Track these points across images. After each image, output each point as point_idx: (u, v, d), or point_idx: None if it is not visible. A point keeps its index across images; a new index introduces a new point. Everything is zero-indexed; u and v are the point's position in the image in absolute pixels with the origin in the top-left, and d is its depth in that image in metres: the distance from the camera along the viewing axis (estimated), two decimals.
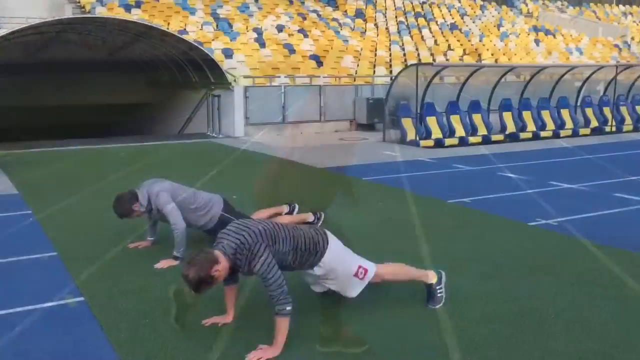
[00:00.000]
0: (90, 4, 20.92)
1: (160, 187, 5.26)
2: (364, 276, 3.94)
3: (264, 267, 3.51)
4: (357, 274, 3.93)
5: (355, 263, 3.96)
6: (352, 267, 3.93)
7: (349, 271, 3.92)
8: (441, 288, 4.20)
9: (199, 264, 3.46)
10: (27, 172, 9.73)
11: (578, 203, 7.49)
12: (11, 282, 4.75)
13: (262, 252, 3.53)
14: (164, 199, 5.16)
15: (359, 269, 3.93)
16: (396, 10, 29.19)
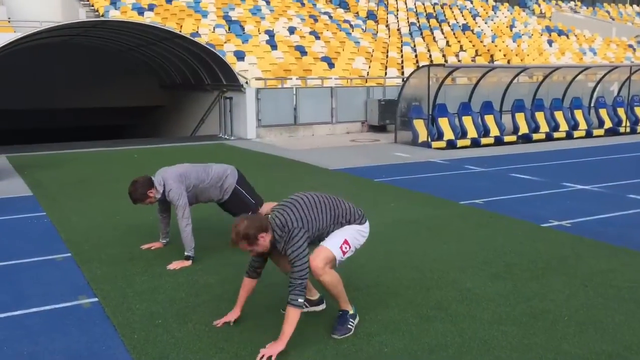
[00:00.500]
0: (103, 7, 21.09)
1: (173, 178, 5.23)
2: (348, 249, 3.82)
3: (295, 253, 3.55)
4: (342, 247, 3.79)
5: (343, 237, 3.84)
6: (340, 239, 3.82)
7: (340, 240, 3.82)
8: (353, 323, 3.87)
9: (253, 222, 3.57)
10: (41, 174, 9.83)
11: (591, 204, 7.43)
12: (25, 283, 4.80)
13: (298, 239, 3.58)
14: (175, 194, 5.18)
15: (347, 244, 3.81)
16: (408, 11, 29.15)
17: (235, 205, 5.47)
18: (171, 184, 5.21)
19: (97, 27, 15.79)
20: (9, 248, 5.74)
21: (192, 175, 5.36)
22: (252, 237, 3.54)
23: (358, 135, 15.66)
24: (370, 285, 4.62)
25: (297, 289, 3.52)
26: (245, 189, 5.53)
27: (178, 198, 5.17)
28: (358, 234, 3.91)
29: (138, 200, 5.23)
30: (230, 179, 5.48)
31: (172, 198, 5.20)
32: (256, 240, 3.57)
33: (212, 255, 5.37)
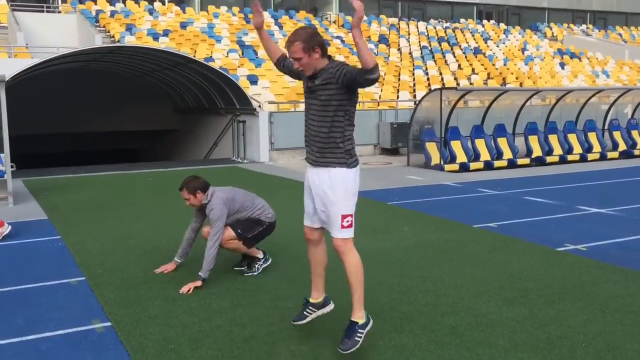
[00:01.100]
0: (119, 33, 21.45)
1: (220, 199, 5.29)
2: (348, 224, 3.72)
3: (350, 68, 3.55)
4: (344, 219, 3.69)
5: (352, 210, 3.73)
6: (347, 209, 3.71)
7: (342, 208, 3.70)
8: (362, 334, 3.70)
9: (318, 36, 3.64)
10: (57, 198, 9.92)
11: (607, 228, 7.35)
12: (39, 306, 4.82)
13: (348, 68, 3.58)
14: (217, 215, 5.21)
15: (349, 217, 3.69)
16: (419, 35, 29.34)
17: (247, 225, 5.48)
18: (215, 205, 5.25)
19: (113, 53, 16.04)
20: (24, 271, 5.77)
21: (238, 202, 5.43)
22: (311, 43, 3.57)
23: (370, 159, 15.67)
24: (384, 310, 4.58)
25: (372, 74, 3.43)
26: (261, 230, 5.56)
27: (217, 219, 5.21)
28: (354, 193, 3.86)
29: (185, 189, 5.30)
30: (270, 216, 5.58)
31: (212, 217, 5.24)
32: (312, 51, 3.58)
33: (225, 280, 5.37)
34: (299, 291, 5.04)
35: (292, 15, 28.54)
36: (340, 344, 3.69)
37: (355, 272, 3.72)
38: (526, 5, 37.78)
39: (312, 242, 3.96)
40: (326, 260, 4.02)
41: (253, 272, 5.56)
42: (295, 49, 3.61)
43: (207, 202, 5.30)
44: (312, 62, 3.64)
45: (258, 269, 5.58)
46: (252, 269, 5.59)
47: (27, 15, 22.35)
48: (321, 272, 4.02)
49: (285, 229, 6.28)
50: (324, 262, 4.02)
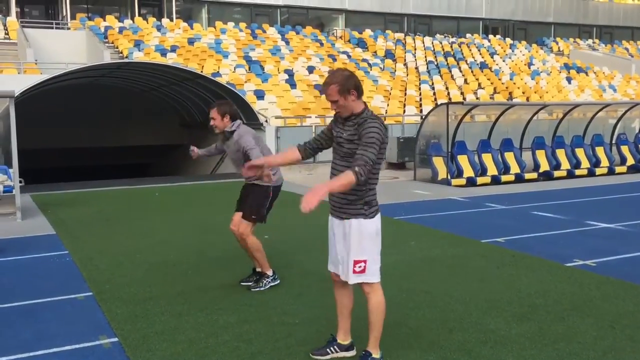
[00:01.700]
0: (127, 49, 21.65)
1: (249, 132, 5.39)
2: (360, 270, 3.71)
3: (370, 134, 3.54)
4: (356, 265, 3.70)
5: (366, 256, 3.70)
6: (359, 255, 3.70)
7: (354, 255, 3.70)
8: None
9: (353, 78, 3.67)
10: (64, 213, 9.95)
11: (617, 243, 7.30)
12: (46, 322, 4.82)
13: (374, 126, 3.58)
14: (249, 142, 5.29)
15: (361, 262, 3.70)
16: (425, 50, 29.45)
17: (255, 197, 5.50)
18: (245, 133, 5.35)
19: (121, 69, 16.18)
20: (32, 286, 5.78)
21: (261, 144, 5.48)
22: (347, 87, 3.59)
23: None
24: (391, 325, 4.55)
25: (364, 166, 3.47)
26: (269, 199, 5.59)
27: (251, 148, 5.27)
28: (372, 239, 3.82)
29: (216, 108, 5.38)
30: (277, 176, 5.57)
31: (246, 146, 5.28)
32: (348, 93, 3.60)
33: (232, 295, 5.36)
34: (305, 307, 5.03)
35: (299, 31, 28.75)
36: None
37: (375, 312, 3.78)
38: (532, 20, 37.90)
39: (337, 283, 3.97)
40: (352, 305, 4.01)
41: (260, 288, 5.54)
42: (331, 92, 3.63)
43: (233, 130, 5.35)
44: (348, 105, 3.66)
45: (265, 285, 5.56)
46: (260, 284, 5.57)
47: (37, 32, 22.62)
48: (347, 314, 4.02)
49: (292, 245, 6.27)
50: (349, 306, 4.01)
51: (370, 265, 3.74)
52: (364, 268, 3.72)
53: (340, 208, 3.75)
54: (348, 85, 3.61)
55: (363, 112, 3.68)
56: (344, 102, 3.63)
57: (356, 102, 3.66)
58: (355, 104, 3.66)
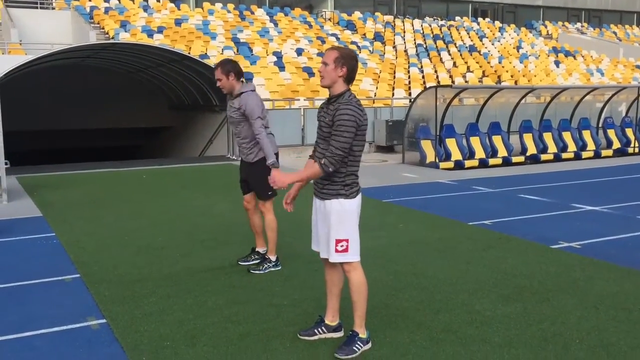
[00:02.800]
0: (113, 30, 21.38)
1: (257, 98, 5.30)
2: (343, 249, 3.75)
3: (343, 122, 3.58)
4: (338, 244, 3.74)
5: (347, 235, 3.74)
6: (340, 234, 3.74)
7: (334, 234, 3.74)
8: (361, 347, 3.80)
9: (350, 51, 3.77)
10: (51, 195, 9.89)
11: (601, 225, 7.39)
12: (34, 304, 4.81)
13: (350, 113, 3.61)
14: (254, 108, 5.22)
15: (343, 241, 3.73)
16: (414, 32, 29.37)
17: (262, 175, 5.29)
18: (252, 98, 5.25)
19: (107, 50, 15.98)
20: (18, 269, 5.75)
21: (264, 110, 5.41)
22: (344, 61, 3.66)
23: (365, 156, 15.66)
24: (378, 307, 4.59)
25: (331, 158, 3.60)
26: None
27: (257, 116, 5.21)
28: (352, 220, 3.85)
29: (221, 67, 5.29)
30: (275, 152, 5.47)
31: (250, 113, 5.21)
32: (340, 66, 3.66)
33: (221, 277, 5.37)
34: (293, 289, 5.06)
35: (287, 12, 28.53)
36: (338, 349, 3.77)
37: (357, 291, 3.80)
38: (521, 4, 37.88)
39: (327, 263, 3.98)
40: (342, 282, 4.02)
41: (260, 271, 5.52)
42: (329, 55, 3.71)
43: (241, 92, 5.28)
44: (334, 76, 3.69)
45: (265, 270, 5.54)
46: (261, 267, 5.56)
47: (21, 12, 22.27)
48: (337, 293, 4.04)
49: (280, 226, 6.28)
50: (339, 283, 4.02)
51: (352, 244, 3.78)
52: (346, 247, 3.76)
53: (322, 189, 3.81)
54: (346, 61, 3.68)
55: (342, 96, 3.70)
56: (333, 71, 3.68)
57: (342, 82, 3.71)
58: (340, 82, 3.70)
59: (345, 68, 3.68)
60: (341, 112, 3.61)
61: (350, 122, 3.59)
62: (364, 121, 3.68)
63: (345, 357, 3.72)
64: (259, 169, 5.38)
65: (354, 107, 3.64)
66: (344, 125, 3.59)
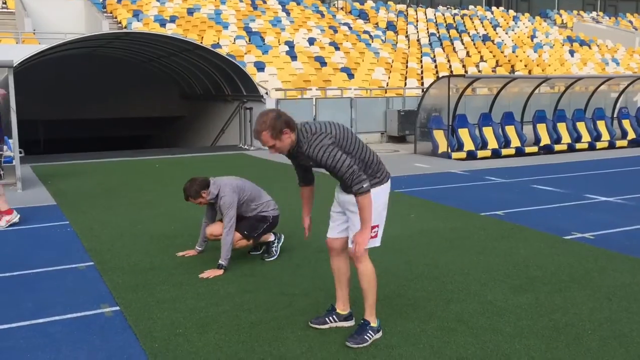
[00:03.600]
0: (126, 19, 21.43)
1: (230, 187, 5.34)
2: (373, 235, 3.79)
3: (325, 155, 3.53)
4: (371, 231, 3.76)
5: (377, 221, 3.79)
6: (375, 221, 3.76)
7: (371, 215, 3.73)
8: (372, 335, 3.81)
9: (281, 115, 3.60)
10: (65, 184, 9.97)
11: (615, 216, 7.33)
12: (48, 291, 4.86)
13: (323, 140, 3.56)
14: (228, 203, 5.26)
15: (376, 227, 3.80)
16: (427, 22, 29.15)
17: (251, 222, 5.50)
18: (226, 192, 5.30)
19: (120, 39, 16.03)
20: (33, 256, 5.82)
21: (247, 189, 5.47)
22: (277, 128, 3.53)
23: (377, 146, 15.64)
24: (390, 296, 4.60)
25: (354, 180, 3.51)
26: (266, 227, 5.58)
27: (229, 207, 5.25)
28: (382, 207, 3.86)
29: (190, 197, 5.38)
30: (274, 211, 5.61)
31: (223, 206, 5.27)
32: (280, 134, 3.55)
33: (233, 266, 5.39)
34: (304, 278, 5.07)
35: (300, 2, 28.40)
36: (350, 338, 3.78)
37: (366, 278, 3.81)
38: None
39: (334, 251, 4.00)
40: (349, 271, 4.03)
41: (272, 257, 5.62)
42: (266, 139, 3.57)
43: (216, 195, 5.32)
44: (285, 143, 3.60)
45: (276, 252, 5.65)
46: (271, 253, 5.64)
47: (35, 1, 22.34)
48: (345, 282, 4.05)
49: (291, 217, 6.30)
50: (346, 272, 4.04)
51: (380, 231, 3.83)
52: (377, 233, 3.81)
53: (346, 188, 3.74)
54: (278, 126, 3.54)
55: (300, 141, 3.62)
56: (280, 144, 3.59)
57: (292, 135, 3.60)
58: (291, 139, 3.61)
59: (285, 129, 3.56)
60: (315, 152, 3.55)
61: (329, 150, 3.53)
62: (342, 135, 3.64)
63: (356, 345, 3.73)
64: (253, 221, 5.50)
65: (317, 138, 3.56)
66: (328, 158, 3.53)
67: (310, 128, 3.65)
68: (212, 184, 5.38)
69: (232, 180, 5.48)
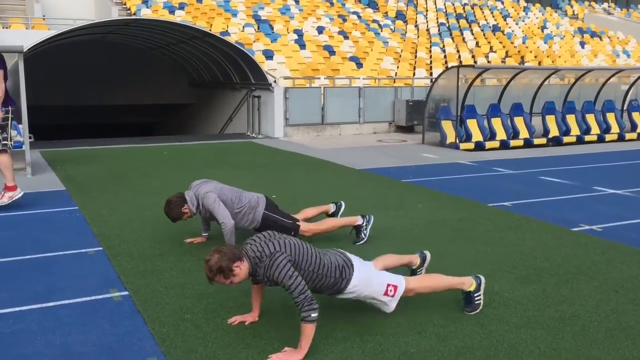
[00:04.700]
0: (135, 5, 21.41)
1: (207, 188, 5.39)
2: (394, 293, 3.91)
3: (282, 274, 3.53)
4: (387, 293, 3.90)
5: (384, 282, 3.90)
6: (380, 288, 3.89)
7: (379, 291, 3.90)
8: (479, 295, 4.12)
9: (224, 253, 3.53)
10: (74, 169, 10.03)
11: (623, 209, 7.31)
12: (58, 275, 4.91)
13: (280, 261, 3.56)
14: (211, 198, 5.29)
15: (388, 287, 3.90)
16: (437, 11, 28.97)
17: (271, 228, 5.51)
18: (205, 192, 5.33)
19: (129, 26, 16.03)
20: (43, 241, 5.87)
21: (226, 191, 5.47)
22: (226, 269, 3.50)
23: (385, 136, 15.62)
24: None
25: (304, 306, 3.48)
26: (276, 213, 5.58)
27: (214, 201, 5.27)
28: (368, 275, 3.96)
29: (177, 219, 5.45)
30: (260, 207, 5.54)
31: (208, 204, 5.30)
32: (231, 272, 3.53)
33: None
34: None
35: None
36: (465, 307, 4.14)
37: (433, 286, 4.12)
38: None
39: None
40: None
41: (362, 240, 5.67)
42: (220, 282, 3.58)
43: (198, 202, 5.34)
44: (240, 276, 3.59)
45: (365, 235, 5.68)
46: (360, 237, 5.68)
47: None
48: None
49: (298, 203, 6.32)
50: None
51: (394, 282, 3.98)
52: (395, 287, 3.94)
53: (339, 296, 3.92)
54: (226, 266, 3.51)
55: (256, 265, 3.62)
56: (237, 278, 3.59)
57: (243, 263, 3.58)
58: (245, 266, 3.59)
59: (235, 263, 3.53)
60: (272, 272, 3.57)
61: (285, 269, 3.53)
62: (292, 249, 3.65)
63: (474, 312, 4.10)
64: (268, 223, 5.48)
65: (273, 259, 3.56)
66: (284, 277, 3.52)
67: (264, 251, 3.61)
68: (187, 195, 5.39)
69: (207, 182, 5.49)
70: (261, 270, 3.62)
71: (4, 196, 7.02)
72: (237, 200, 5.46)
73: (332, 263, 3.81)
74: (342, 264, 3.84)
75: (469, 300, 4.12)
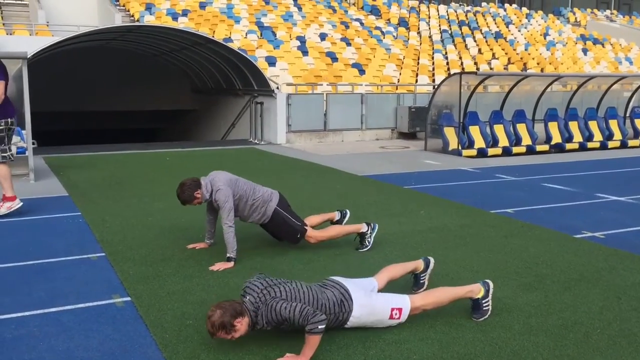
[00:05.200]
0: (139, 12, 21.50)
1: (222, 181, 5.36)
2: (399, 316, 3.92)
3: (279, 311, 3.57)
4: (392, 317, 3.91)
5: (387, 307, 3.90)
6: (385, 313, 3.89)
7: (384, 317, 3.90)
8: (488, 301, 4.12)
9: (226, 309, 3.53)
10: (76, 175, 10.05)
11: (626, 216, 7.30)
12: (61, 280, 4.92)
13: (276, 304, 3.59)
14: (223, 196, 5.26)
15: (393, 311, 3.90)
16: (439, 18, 29.04)
17: (278, 225, 5.56)
18: (219, 186, 5.30)
19: (132, 32, 16.09)
20: (45, 246, 5.88)
21: (241, 184, 5.48)
22: (228, 325, 3.50)
23: (387, 142, 15.63)
24: (399, 292, 4.60)
25: (310, 319, 3.50)
26: (287, 211, 5.60)
27: (225, 200, 5.25)
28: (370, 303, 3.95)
29: (187, 202, 5.38)
30: (272, 202, 5.55)
31: (219, 199, 5.27)
32: (233, 328, 3.52)
33: (243, 258, 5.43)
34: (314, 272, 5.09)
35: None
36: (473, 314, 4.14)
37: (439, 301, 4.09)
38: None
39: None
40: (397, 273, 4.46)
41: (365, 247, 5.67)
42: (222, 337, 3.55)
43: (211, 191, 5.32)
44: (242, 331, 3.58)
45: (369, 242, 5.69)
46: (364, 243, 5.69)
47: None
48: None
49: (300, 210, 6.32)
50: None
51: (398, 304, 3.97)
52: (400, 310, 3.94)
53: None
54: (228, 321, 3.50)
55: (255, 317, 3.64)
56: (238, 333, 3.57)
57: (244, 319, 3.58)
58: (246, 321, 3.59)
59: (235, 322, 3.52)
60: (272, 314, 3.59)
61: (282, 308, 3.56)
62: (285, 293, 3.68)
63: (482, 318, 4.09)
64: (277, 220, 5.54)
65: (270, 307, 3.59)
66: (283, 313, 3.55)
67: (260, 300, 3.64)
68: (203, 181, 5.37)
69: (224, 174, 5.48)
70: (261, 320, 3.64)
71: (2, 206, 7.05)
72: (251, 193, 5.48)
73: (330, 300, 3.80)
74: (340, 298, 3.83)
75: (477, 306, 4.11)
